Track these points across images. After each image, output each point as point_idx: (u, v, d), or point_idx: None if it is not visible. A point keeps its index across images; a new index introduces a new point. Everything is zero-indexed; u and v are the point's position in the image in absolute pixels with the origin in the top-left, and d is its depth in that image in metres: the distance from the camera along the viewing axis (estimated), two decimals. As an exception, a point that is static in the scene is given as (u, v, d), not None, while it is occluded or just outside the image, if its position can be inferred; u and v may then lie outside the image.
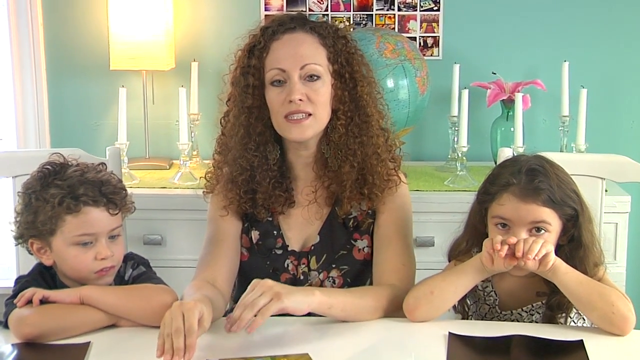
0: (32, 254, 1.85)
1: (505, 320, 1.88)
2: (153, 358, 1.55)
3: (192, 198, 2.67)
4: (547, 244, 1.72)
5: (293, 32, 1.94)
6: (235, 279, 2.03)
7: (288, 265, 2.00)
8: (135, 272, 1.89)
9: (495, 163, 2.68)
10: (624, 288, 2.84)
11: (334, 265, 2.00)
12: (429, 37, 3.34)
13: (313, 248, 2.01)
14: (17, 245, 1.89)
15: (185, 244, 2.86)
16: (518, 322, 1.87)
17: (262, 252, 2.02)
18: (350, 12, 3.33)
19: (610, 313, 1.70)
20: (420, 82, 2.94)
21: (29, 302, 1.73)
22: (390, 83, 2.88)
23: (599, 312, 1.71)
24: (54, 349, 1.69)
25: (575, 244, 1.80)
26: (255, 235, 2.02)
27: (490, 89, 3.12)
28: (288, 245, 2.01)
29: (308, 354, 1.64)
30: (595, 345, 1.69)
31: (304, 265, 2.00)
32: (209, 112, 3.10)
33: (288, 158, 2.02)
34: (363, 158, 1.96)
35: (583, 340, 1.70)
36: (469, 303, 1.95)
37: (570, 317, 1.85)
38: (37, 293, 1.74)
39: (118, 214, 1.82)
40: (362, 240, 2.01)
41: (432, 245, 2.82)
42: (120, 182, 1.89)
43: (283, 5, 3.33)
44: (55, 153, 1.89)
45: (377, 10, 3.32)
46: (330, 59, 1.94)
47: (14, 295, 1.77)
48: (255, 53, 1.93)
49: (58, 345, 1.70)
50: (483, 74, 3.21)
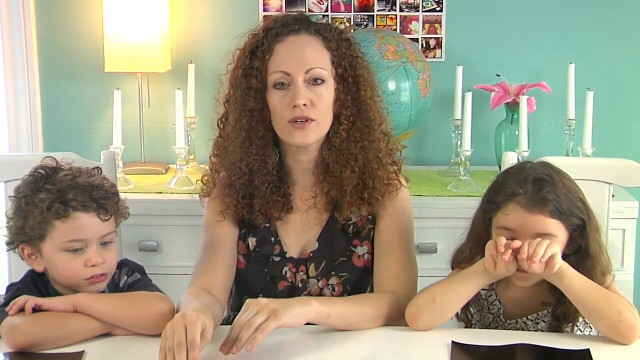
0: (24, 260, 1.85)
1: (510, 330, 1.88)
2: (149, 368, 1.55)
3: (188, 203, 2.67)
4: (552, 246, 1.71)
5: (297, 34, 1.94)
6: (232, 287, 2.03)
7: (286, 273, 2.00)
8: (130, 279, 1.88)
9: (500, 168, 2.68)
10: (632, 295, 2.85)
11: (334, 272, 2.00)
12: (432, 38, 3.34)
13: (312, 255, 2.01)
14: (8, 251, 1.89)
15: (182, 251, 2.86)
16: (523, 330, 1.87)
17: (259, 259, 2.01)
18: (351, 12, 3.33)
19: (617, 321, 1.70)
20: (423, 84, 2.95)
21: (21, 310, 1.73)
22: (392, 85, 2.88)
23: (606, 320, 1.71)
24: (47, 358, 1.69)
25: (582, 254, 1.80)
26: (252, 242, 2.02)
27: (495, 92, 3.12)
28: (286, 252, 2.01)
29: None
30: (602, 354, 1.69)
31: (303, 273, 2.00)
32: (206, 115, 3.07)
33: (287, 162, 2.02)
34: (364, 162, 1.96)
35: (589, 349, 1.70)
36: (473, 311, 1.95)
37: (577, 326, 1.85)
38: (29, 301, 1.73)
39: (110, 220, 1.82)
40: (362, 247, 2.01)
41: (434, 252, 2.82)
42: (114, 186, 1.88)
43: (282, 6, 3.33)
44: (48, 157, 1.89)
45: (378, 11, 3.33)
46: (334, 63, 1.95)
47: (6, 303, 1.77)
48: (258, 54, 1.93)
49: (51, 355, 1.70)
50: (487, 76, 3.21)
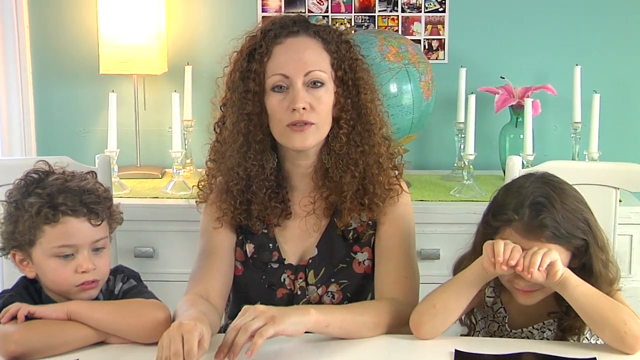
0: (17, 267, 1.85)
1: (515, 339, 1.88)
2: (144, 377, 1.55)
3: (185, 209, 2.67)
4: (550, 253, 1.71)
5: (296, 35, 1.94)
6: (230, 294, 2.03)
7: (285, 280, 2.01)
8: (126, 286, 1.88)
9: (504, 172, 2.69)
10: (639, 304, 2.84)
11: (333, 280, 2.00)
12: (434, 39, 3.34)
13: (311, 261, 2.01)
14: (0, 257, 1.89)
15: (178, 257, 2.86)
16: (529, 339, 1.87)
17: (257, 266, 2.02)
18: (352, 13, 3.34)
19: (623, 332, 1.69)
20: (425, 86, 2.95)
21: (14, 318, 1.73)
22: (394, 88, 2.88)
23: (611, 329, 1.71)
24: (40, 367, 1.69)
25: (587, 272, 1.79)
26: (250, 249, 2.02)
27: (499, 94, 3.13)
28: (285, 259, 2.02)
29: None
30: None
31: (302, 280, 2.00)
32: (203, 118, 3.09)
33: (285, 167, 2.02)
34: (364, 168, 1.96)
35: (596, 358, 1.70)
36: (478, 317, 1.95)
37: (584, 334, 1.85)
38: (22, 308, 1.73)
39: (102, 225, 1.81)
40: (362, 253, 2.01)
41: (437, 258, 2.82)
42: (107, 191, 1.88)
43: (281, 6, 3.34)
44: (41, 160, 1.89)
45: (379, 12, 3.33)
46: (334, 65, 1.95)
47: (-2, 311, 1.77)
48: (256, 57, 1.93)
49: (44, 364, 1.70)
50: (491, 79, 3.21)
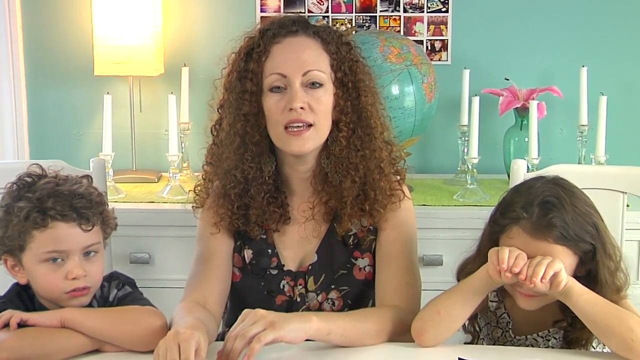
0: (9, 273, 1.85)
1: (520, 346, 1.88)
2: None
3: (182, 213, 2.66)
4: (554, 263, 1.71)
5: (295, 35, 1.95)
6: (227, 301, 2.03)
7: (284, 287, 2.01)
8: (121, 292, 1.88)
9: (509, 176, 2.69)
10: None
11: (333, 286, 2.00)
12: (437, 40, 3.35)
13: (310, 268, 2.01)
14: (-9, 263, 1.89)
15: (175, 263, 2.86)
16: (533, 347, 1.87)
17: (255, 272, 2.02)
18: (352, 13, 3.34)
19: (630, 340, 1.69)
20: (428, 88, 2.95)
21: (6, 325, 1.72)
22: (396, 90, 2.89)
23: (617, 338, 1.71)
24: (33, 376, 1.69)
25: (592, 280, 1.79)
26: (249, 254, 2.02)
27: (503, 96, 3.13)
28: (284, 265, 2.02)
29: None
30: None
31: (301, 286, 2.00)
32: (200, 121, 3.06)
33: (284, 171, 2.02)
34: (365, 172, 1.96)
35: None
36: (481, 324, 1.95)
37: (593, 346, 1.85)
38: (14, 316, 1.73)
39: (93, 230, 1.80)
40: (363, 259, 2.01)
41: (440, 265, 2.82)
42: (100, 195, 1.87)
43: (280, 6, 3.34)
44: (35, 164, 1.89)
45: (381, 12, 3.34)
46: (334, 67, 1.95)
47: (-10, 318, 1.77)
48: (254, 57, 1.93)
49: (37, 372, 1.70)
50: (495, 80, 3.22)
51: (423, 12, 3.33)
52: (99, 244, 1.83)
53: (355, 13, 3.34)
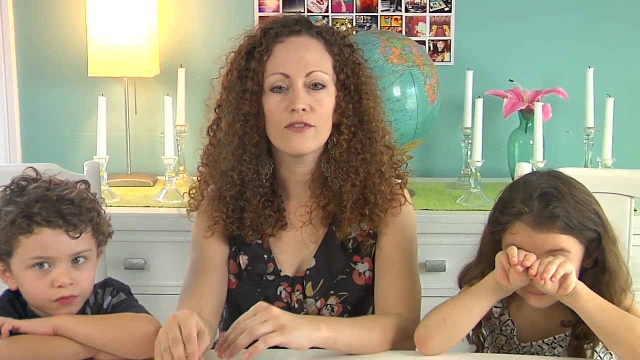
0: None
1: (525, 353, 1.88)
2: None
3: (178, 218, 2.65)
4: (565, 264, 1.71)
5: (298, 35, 1.95)
6: (223, 309, 2.03)
7: (281, 293, 2.00)
8: (115, 299, 1.87)
9: (513, 179, 2.68)
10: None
11: (332, 292, 2.00)
12: (440, 40, 3.35)
13: (308, 273, 2.01)
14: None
15: (171, 269, 2.86)
16: (538, 355, 1.87)
17: (251, 278, 2.01)
18: (353, 13, 3.34)
19: (637, 347, 1.69)
20: (430, 90, 2.95)
21: (-2, 332, 1.73)
22: (397, 91, 2.88)
23: (625, 345, 1.70)
24: (25, 385, 1.69)
25: (600, 268, 1.80)
26: (244, 260, 2.02)
27: (507, 98, 3.13)
28: (280, 270, 2.01)
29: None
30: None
31: (299, 292, 2.00)
32: (197, 123, 3.07)
33: (281, 174, 2.02)
34: (365, 176, 1.96)
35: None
36: (485, 333, 1.95)
37: (597, 352, 1.85)
38: (6, 323, 1.72)
39: (82, 237, 1.78)
40: (362, 264, 2.01)
41: (442, 270, 2.82)
42: (93, 202, 1.85)
43: (279, 6, 3.34)
44: (30, 167, 1.88)
45: (382, 12, 3.34)
46: (336, 68, 1.96)
47: (-19, 326, 1.76)
48: (255, 55, 1.93)
49: (29, 381, 1.69)
50: (499, 82, 3.22)
51: (425, 11, 3.33)
52: (89, 252, 1.81)
53: (356, 13, 3.34)
